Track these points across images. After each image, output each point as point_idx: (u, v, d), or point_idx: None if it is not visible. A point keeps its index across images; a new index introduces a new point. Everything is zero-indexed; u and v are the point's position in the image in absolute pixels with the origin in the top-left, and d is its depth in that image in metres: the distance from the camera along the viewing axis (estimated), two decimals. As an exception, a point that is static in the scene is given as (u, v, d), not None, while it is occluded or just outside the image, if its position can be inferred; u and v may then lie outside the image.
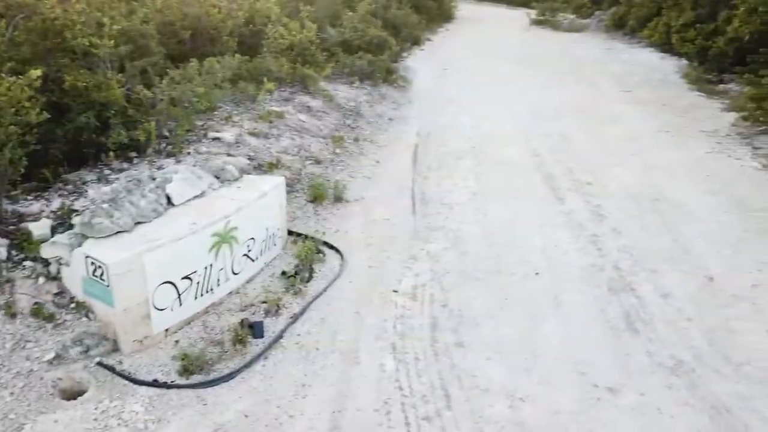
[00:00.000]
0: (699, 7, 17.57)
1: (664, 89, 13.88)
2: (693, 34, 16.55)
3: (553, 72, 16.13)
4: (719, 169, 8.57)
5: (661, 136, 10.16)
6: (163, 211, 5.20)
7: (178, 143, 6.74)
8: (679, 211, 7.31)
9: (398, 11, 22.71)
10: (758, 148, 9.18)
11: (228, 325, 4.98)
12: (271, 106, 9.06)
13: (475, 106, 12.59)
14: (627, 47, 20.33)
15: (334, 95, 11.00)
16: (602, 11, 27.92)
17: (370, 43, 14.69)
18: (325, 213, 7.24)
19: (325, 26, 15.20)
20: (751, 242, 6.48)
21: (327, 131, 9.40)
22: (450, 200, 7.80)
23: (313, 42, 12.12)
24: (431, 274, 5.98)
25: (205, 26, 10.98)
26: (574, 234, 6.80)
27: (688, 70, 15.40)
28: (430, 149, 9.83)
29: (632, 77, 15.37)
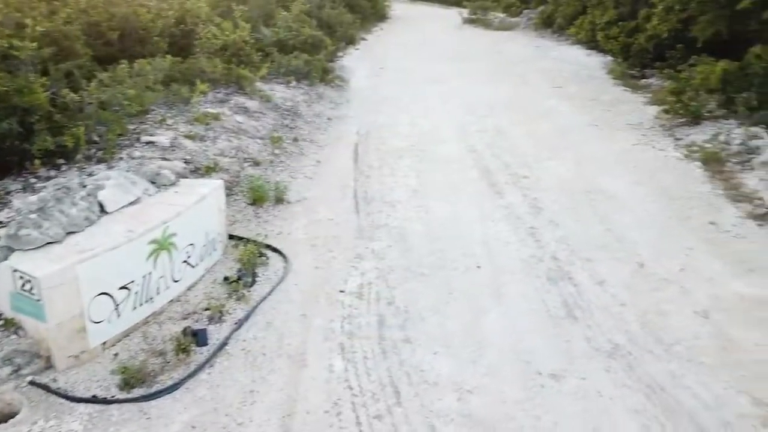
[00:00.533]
0: (621, 6, 18.36)
1: (592, 84, 14.44)
2: (616, 31, 17.29)
3: (486, 70, 16.50)
4: (645, 160, 9.00)
5: (591, 130, 10.57)
6: (96, 220, 4.98)
7: (110, 148, 6.48)
8: (610, 201, 7.62)
9: (332, 11, 22.66)
10: (679, 139, 9.68)
11: (170, 334, 4.83)
12: (207, 108, 8.85)
13: (413, 105, 12.71)
14: (555, 45, 21.00)
15: (271, 95, 10.86)
16: (531, 10, 28.72)
17: (305, 43, 14.60)
18: (266, 215, 7.13)
19: (259, 26, 14.97)
20: (677, 228, 6.84)
21: (265, 132, 9.27)
22: (392, 198, 7.85)
23: (248, 42, 11.92)
24: (377, 272, 6.00)
25: (133, 26, 10.61)
26: (513, 227, 6.98)
27: (613, 66, 16.08)
28: (371, 148, 9.86)
29: (561, 73, 15.90)
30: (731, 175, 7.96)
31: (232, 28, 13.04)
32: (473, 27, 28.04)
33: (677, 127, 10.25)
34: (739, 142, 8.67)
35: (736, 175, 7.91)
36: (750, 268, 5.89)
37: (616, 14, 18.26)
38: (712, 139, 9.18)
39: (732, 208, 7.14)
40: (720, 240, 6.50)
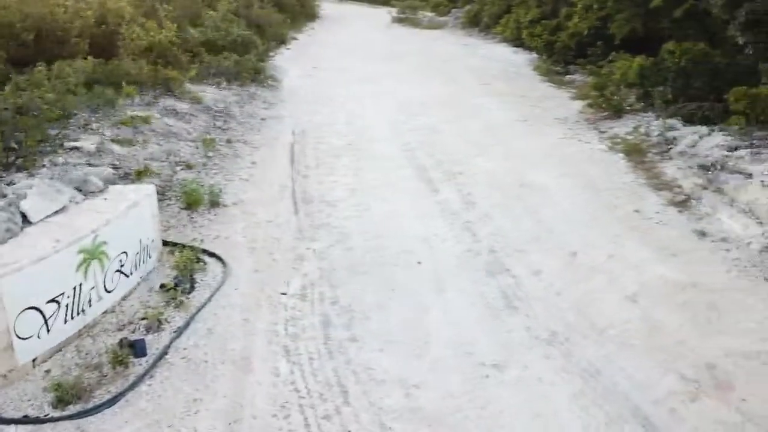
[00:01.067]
0: (543, 5, 19.04)
1: (519, 81, 14.90)
2: (540, 29, 17.91)
3: (417, 68, 16.70)
4: (572, 153, 9.37)
5: (519, 126, 10.90)
6: (18, 231, 4.71)
7: (30, 155, 6.13)
8: (540, 194, 7.89)
9: (261, 10, 22.29)
10: (603, 132, 10.15)
11: (105, 346, 4.63)
12: (134, 111, 8.52)
13: (348, 104, 12.72)
14: (483, 43, 21.55)
15: (201, 97, 10.60)
16: (458, 9, 29.29)
17: (234, 43, 14.31)
18: (201, 220, 6.95)
19: (186, 26, 14.55)
20: (604, 218, 7.17)
21: (197, 134, 9.03)
22: (332, 198, 7.82)
23: (174, 42, 11.56)
24: (319, 273, 5.97)
25: (50, 27, 10.09)
26: (449, 222, 7.12)
27: (539, 62, 16.66)
28: (308, 148, 9.79)
29: (489, 71, 16.32)
30: (652, 165, 8.42)
31: (158, 28, 12.64)
32: (402, 26, 28.33)
33: (601, 120, 10.73)
34: (658, 133, 9.17)
35: (656, 165, 8.36)
36: (672, 253, 6.24)
37: (539, 13, 18.94)
38: (634, 131, 9.67)
39: (654, 197, 7.55)
40: (644, 227, 6.86)
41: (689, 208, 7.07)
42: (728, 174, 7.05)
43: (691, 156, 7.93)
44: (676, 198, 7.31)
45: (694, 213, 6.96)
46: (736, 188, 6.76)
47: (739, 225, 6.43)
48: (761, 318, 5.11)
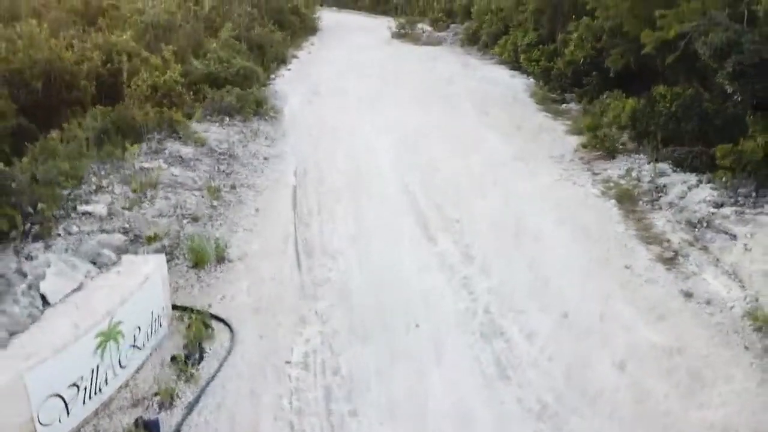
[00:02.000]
0: (540, 28, 19.30)
1: (517, 110, 15.15)
2: (537, 54, 18.18)
3: (418, 92, 16.94)
4: (566, 197, 9.64)
5: (516, 164, 11.16)
6: (39, 315, 5.00)
7: (46, 226, 6.41)
8: (535, 244, 8.17)
9: (262, 30, 22.55)
10: (597, 174, 10.41)
11: (122, 426, 4.92)
12: (141, 162, 8.80)
13: (348, 136, 12.99)
14: (481, 63, 21.77)
15: (205, 138, 10.86)
16: (457, 24, 29.56)
17: (237, 75, 14.55)
18: (208, 278, 7.23)
19: (189, 58, 14.83)
20: (596, 271, 7.45)
21: (202, 182, 9.31)
22: (333, 248, 8.10)
23: (178, 81, 11.83)
24: (321, 338, 6.25)
25: (58, 72, 10.36)
26: (448, 277, 7.40)
27: (535, 89, 16.91)
28: (309, 190, 10.06)
29: (488, 97, 16.57)
30: (643, 214, 8.69)
31: (161, 64, 12.94)
32: (402, 42, 28.55)
33: (594, 160, 11.00)
34: (649, 179, 9.45)
35: (647, 215, 8.63)
36: (659, 315, 6.52)
37: (536, 37, 19.19)
38: (626, 175, 9.95)
39: (644, 251, 7.82)
40: (634, 285, 7.13)
41: (677, 266, 7.34)
42: (714, 233, 7.33)
43: (680, 209, 8.20)
44: (665, 254, 7.58)
45: (681, 271, 7.23)
46: (721, 249, 7.04)
47: (723, 287, 6.71)
48: (740, 389, 5.39)
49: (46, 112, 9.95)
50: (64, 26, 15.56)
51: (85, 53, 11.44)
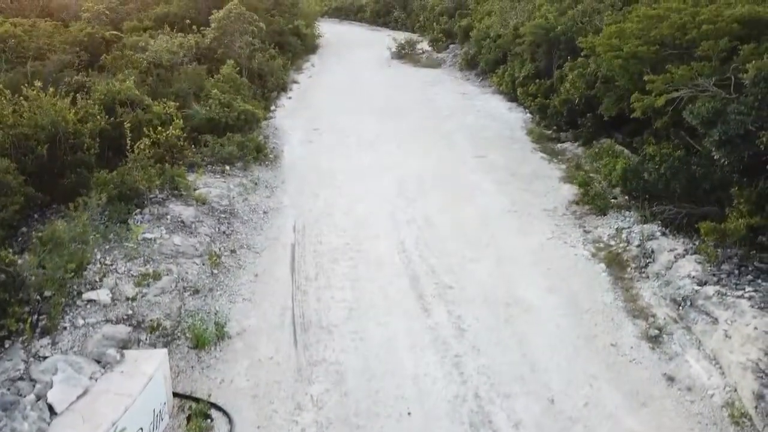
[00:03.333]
0: (537, 60, 19.55)
1: (513, 151, 15.40)
2: (533, 88, 18.42)
3: (416, 130, 17.21)
4: (558, 260, 9.89)
5: (510, 219, 11.41)
6: (47, 427, 5.27)
7: (54, 321, 6.68)
8: (526, 316, 8.43)
9: (263, 57, 22.79)
10: (588, 232, 10.66)
11: None
12: (144, 233, 9.07)
13: (346, 184, 13.25)
14: (480, 92, 22.04)
15: (206, 196, 11.13)
16: (456, 45, 29.84)
17: (238, 119, 14.82)
18: (208, 358, 7.51)
19: (190, 101, 15.11)
20: (583, 351, 7.70)
21: (203, 248, 9.58)
22: (329, 321, 8.37)
23: (180, 136, 12.10)
24: (316, 427, 6.52)
25: (63, 134, 10.62)
26: (440, 356, 7.65)
27: (532, 126, 17.18)
28: (307, 250, 10.32)
29: (485, 134, 16.85)
30: (630, 283, 8.94)
31: (163, 111, 13.21)
32: (402, 63, 28.84)
33: (586, 215, 11.25)
34: (638, 243, 9.69)
35: (634, 284, 8.88)
36: (642, 402, 6.78)
37: (533, 69, 19.45)
38: (616, 235, 10.20)
39: (630, 325, 8.08)
40: (619, 366, 7.39)
41: (661, 345, 7.59)
42: (697, 313, 7.56)
43: (666, 282, 8.43)
44: (650, 331, 7.82)
45: (665, 352, 7.48)
46: (703, 332, 7.28)
47: (704, 372, 6.96)
48: (717, 492, 5.65)
49: (51, 177, 10.22)
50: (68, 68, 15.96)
51: (89, 109, 11.70)
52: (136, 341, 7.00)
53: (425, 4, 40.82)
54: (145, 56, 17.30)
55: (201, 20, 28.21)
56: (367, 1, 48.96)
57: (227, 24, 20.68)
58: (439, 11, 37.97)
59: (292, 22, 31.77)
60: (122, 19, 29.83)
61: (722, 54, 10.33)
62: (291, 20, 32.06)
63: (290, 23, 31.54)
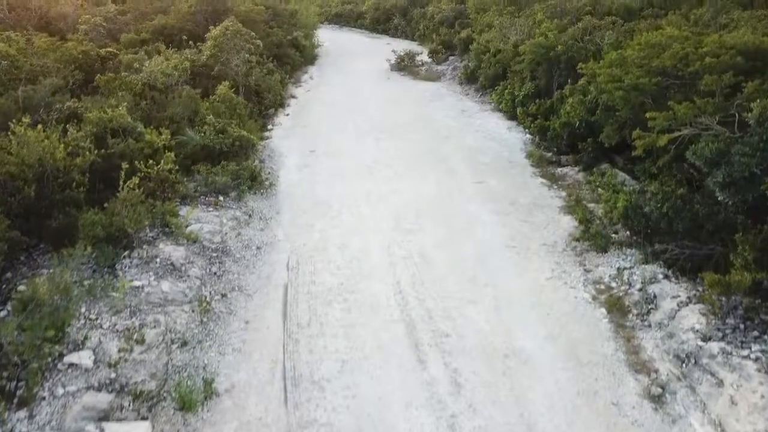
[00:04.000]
0: (537, 79, 19.29)
1: (512, 177, 15.14)
2: (533, 108, 18.15)
3: (415, 153, 16.96)
4: (558, 303, 9.62)
5: (509, 255, 11.15)
6: None
7: (31, 393, 6.43)
8: (525, 369, 8.16)
9: (260, 73, 22.54)
10: (589, 271, 10.40)
11: None
12: (131, 280, 8.83)
13: (342, 214, 13.00)
14: (479, 109, 21.79)
15: (198, 234, 10.88)
16: (456, 57, 29.60)
17: (233, 146, 14.57)
18: (195, 420, 7.24)
19: (184, 127, 14.86)
20: (583, 410, 7.43)
21: (192, 293, 9.33)
22: (321, 375, 8.11)
23: (172, 170, 11.85)
24: (305, 503, 6.28)
25: (51, 172, 10.38)
26: (436, 417, 7.38)
27: (532, 148, 16.91)
28: (300, 291, 10.06)
29: (485, 157, 16.60)
30: (632, 332, 8.68)
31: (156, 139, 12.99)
32: (401, 75, 28.61)
33: (587, 251, 10.98)
34: (639, 286, 9.43)
35: (636, 333, 8.62)
36: (644, 473, 6.52)
37: (534, 87, 19.20)
38: (617, 276, 9.94)
39: (632, 381, 7.81)
40: (621, 428, 7.12)
41: (664, 406, 7.32)
42: (701, 372, 7.30)
43: (669, 335, 8.16)
44: (653, 389, 7.55)
45: (668, 413, 7.21)
46: (708, 394, 7.02)
47: (709, 439, 6.71)
48: None
49: (38, 217, 9.98)
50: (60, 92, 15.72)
51: (79, 142, 11.47)
52: (119, 408, 6.75)
53: (425, 13, 40.64)
54: (140, 78, 17.06)
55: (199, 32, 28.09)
56: (367, 8, 48.77)
57: (224, 42, 20.43)
58: (439, 20, 37.81)
59: (291, 33, 31.56)
60: (120, 30, 29.65)
61: (726, 90, 10.07)
62: (290, 31, 31.86)
63: (289, 34, 31.33)
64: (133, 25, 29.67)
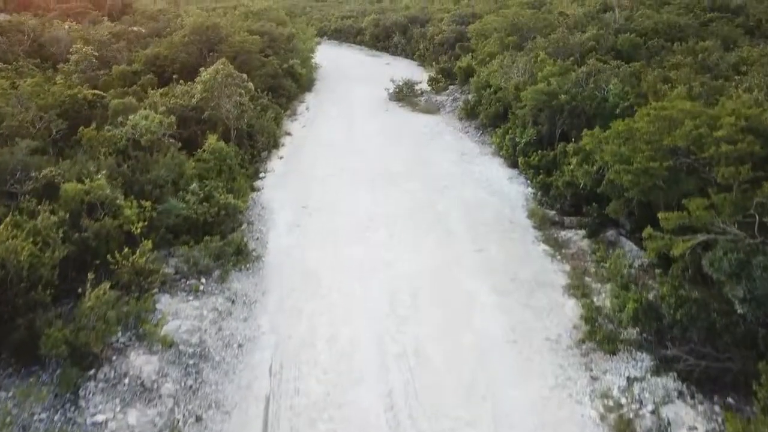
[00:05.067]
0: (539, 124, 18.49)
1: (513, 242, 14.34)
2: (536, 159, 17.34)
3: (411, 208, 16.18)
4: (562, 423, 8.83)
5: (509, 354, 10.34)
6: None
7: None
8: None
9: (253, 112, 21.73)
10: (596, 379, 9.60)
11: None
12: (94, 414, 8.08)
13: (333, 293, 12.25)
14: (479, 152, 20.99)
15: (174, 334, 10.14)
16: (456, 86, 28.80)
17: (218, 215, 13.80)
18: None
19: (167, 193, 14.09)
20: None
21: (163, 421, 8.57)
22: None
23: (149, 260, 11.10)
24: None
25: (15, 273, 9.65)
26: None
27: (534, 205, 16.09)
28: (282, 406, 9.30)
29: (484, 213, 15.84)
30: (645, 471, 7.89)
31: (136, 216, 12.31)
32: (400, 106, 27.77)
33: (593, 351, 10.18)
34: (652, 407, 8.64)
35: (649, 474, 7.83)
36: None
37: (536, 133, 18.40)
38: (627, 389, 9.15)
39: None
40: None
41: None
42: None
43: (686, 483, 7.38)
44: None
45: None
46: None
47: None
48: None
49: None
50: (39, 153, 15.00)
51: (49, 232, 10.75)
52: None
53: (425, 33, 39.87)
54: (124, 132, 16.33)
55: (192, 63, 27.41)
56: (367, 25, 47.99)
57: (214, 86, 19.65)
58: (439, 41, 37.02)
59: (288, 60, 30.76)
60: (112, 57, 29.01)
61: (744, 185, 9.27)
62: (286, 58, 31.06)
63: (285, 62, 30.54)
64: (126, 53, 29.02)
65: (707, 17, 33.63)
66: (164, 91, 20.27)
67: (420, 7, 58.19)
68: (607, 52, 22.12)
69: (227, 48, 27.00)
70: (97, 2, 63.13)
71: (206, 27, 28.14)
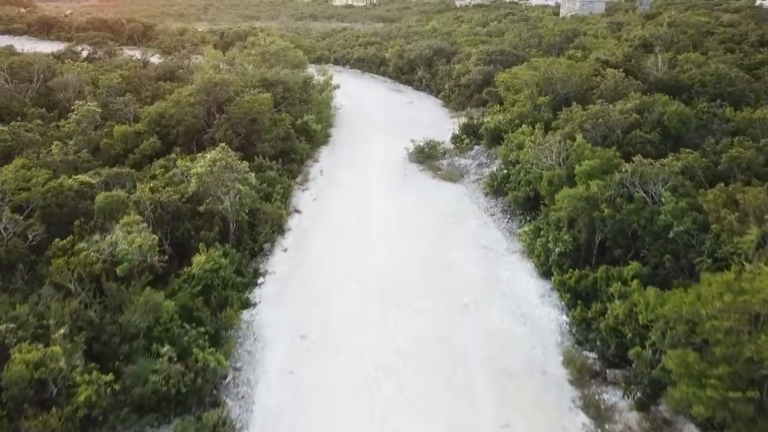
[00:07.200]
0: (574, 228, 16.03)
1: (545, 409, 11.97)
2: (572, 279, 14.91)
3: (426, 339, 13.90)
4: None
5: None
6: None
7: None
8: None
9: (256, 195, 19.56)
10: None
11: None
12: None
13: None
14: (506, 248, 18.54)
15: None
16: (481, 147, 26.36)
17: (194, 382, 11.72)
18: None
19: (137, 350, 12.11)
20: None
21: None
22: None
23: None
24: None
25: None
26: None
27: (570, 347, 13.63)
28: None
29: (512, 359, 13.43)
30: None
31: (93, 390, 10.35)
32: (420, 170, 25.45)
33: None
34: None
35: None
36: None
37: (571, 242, 15.93)
38: None
39: None
40: None
41: None
42: None
43: None
44: None
45: None
46: None
47: None
48: None
49: None
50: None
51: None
52: None
53: (450, 71, 37.40)
54: (101, 252, 14.46)
55: (198, 126, 25.63)
56: (391, 56, 45.71)
57: (211, 181, 17.65)
58: (465, 82, 34.56)
59: (302, 116, 28.67)
60: (118, 111, 27.59)
61: None
62: (301, 113, 28.98)
63: (300, 117, 28.48)
64: (133, 105, 27.43)
65: (757, 59, 30.50)
66: (154, 185, 18.29)
67: (445, 31, 55.79)
68: (652, 128, 19.42)
69: (236, 110, 25.06)
70: (116, 30, 62.49)
71: (214, 84, 26.18)
